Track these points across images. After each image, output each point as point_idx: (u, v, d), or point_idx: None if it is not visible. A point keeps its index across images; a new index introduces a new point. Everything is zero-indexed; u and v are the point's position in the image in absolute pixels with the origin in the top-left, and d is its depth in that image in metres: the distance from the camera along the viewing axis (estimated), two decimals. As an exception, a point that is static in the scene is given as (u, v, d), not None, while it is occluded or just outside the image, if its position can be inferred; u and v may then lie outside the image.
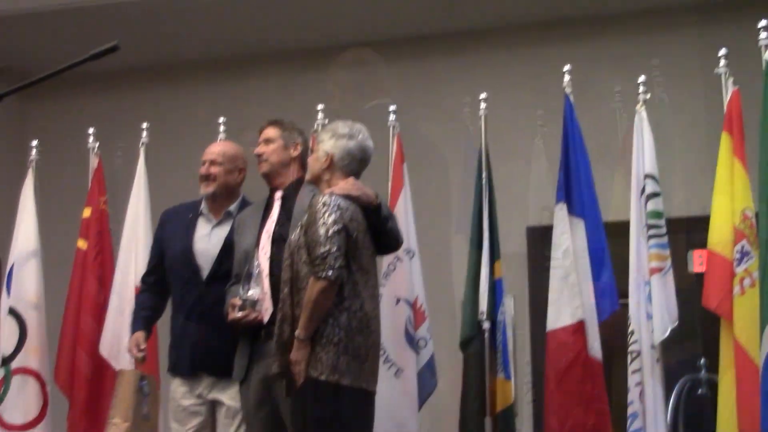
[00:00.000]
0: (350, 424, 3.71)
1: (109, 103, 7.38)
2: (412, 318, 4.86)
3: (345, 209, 3.75)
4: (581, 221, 4.76)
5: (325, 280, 3.64)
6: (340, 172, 3.93)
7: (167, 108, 7.23)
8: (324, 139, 3.98)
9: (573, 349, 4.60)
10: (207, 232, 4.57)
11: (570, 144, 4.87)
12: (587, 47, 6.48)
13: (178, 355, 4.53)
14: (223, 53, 7.18)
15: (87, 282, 5.37)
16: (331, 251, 3.65)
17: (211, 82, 7.27)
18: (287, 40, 6.97)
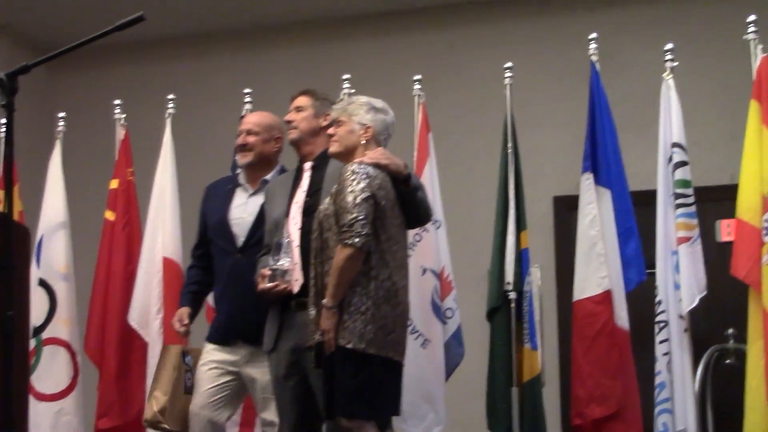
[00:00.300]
0: (377, 392, 3.72)
1: (135, 75, 7.41)
2: (439, 288, 4.86)
3: (374, 177, 3.75)
4: (608, 191, 4.75)
5: (351, 247, 3.64)
6: (375, 145, 3.94)
7: (193, 79, 7.25)
8: (359, 112, 3.95)
9: (600, 319, 4.60)
10: (243, 201, 4.58)
11: (596, 113, 4.85)
12: (613, 15, 6.45)
13: (217, 322, 4.57)
14: (249, 23, 7.18)
15: (115, 253, 5.40)
16: (358, 218, 3.65)
17: (236, 53, 7.28)
18: (313, 10, 6.96)
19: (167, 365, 4.49)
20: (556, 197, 6.42)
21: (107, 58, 7.26)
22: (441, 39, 6.84)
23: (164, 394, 4.42)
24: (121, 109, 5.64)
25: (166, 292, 5.15)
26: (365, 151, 3.90)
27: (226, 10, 6.95)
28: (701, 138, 5.98)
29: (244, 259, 4.43)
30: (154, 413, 4.40)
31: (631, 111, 6.02)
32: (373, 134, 3.94)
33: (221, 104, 6.87)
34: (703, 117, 6.05)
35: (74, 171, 5.98)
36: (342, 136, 3.95)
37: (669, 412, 4.43)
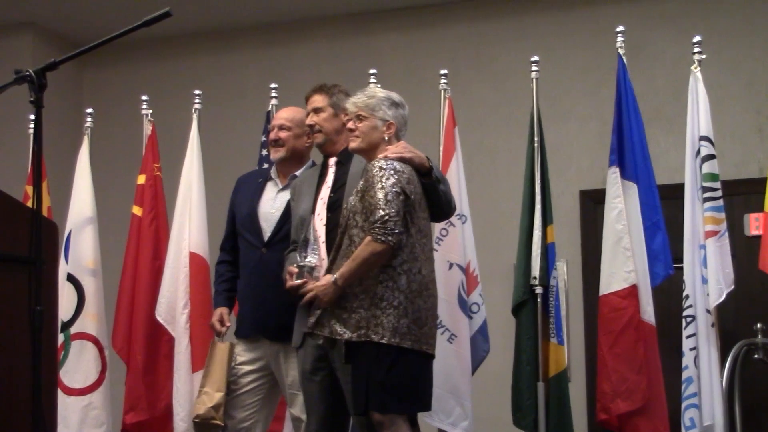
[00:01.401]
0: (412, 386, 3.73)
1: (162, 70, 7.44)
2: (465, 283, 4.85)
3: (401, 172, 3.75)
4: (634, 185, 4.73)
5: (384, 244, 3.64)
6: (396, 139, 3.95)
7: (220, 74, 7.27)
8: (381, 107, 3.94)
9: (626, 314, 4.58)
10: (273, 196, 4.61)
11: (623, 106, 4.83)
12: (641, 7, 6.42)
13: (242, 316, 4.59)
14: (275, 18, 7.19)
15: (142, 248, 5.42)
16: (391, 215, 3.64)
17: (263, 48, 7.30)
18: (339, 4, 6.96)
19: (219, 362, 4.50)
20: (582, 191, 6.41)
21: (134, 53, 7.30)
22: (467, 33, 6.83)
23: (218, 391, 4.44)
24: (147, 105, 5.66)
25: (193, 287, 5.17)
26: (387, 146, 3.91)
27: (252, 4, 6.97)
28: (729, 131, 5.96)
29: (270, 253, 4.45)
30: (208, 409, 4.41)
31: (659, 104, 6.00)
32: (395, 130, 3.95)
33: (247, 99, 6.90)
34: (731, 110, 6.03)
35: (102, 166, 6.01)
36: (365, 132, 3.94)
37: (696, 407, 4.42)
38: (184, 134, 5.49)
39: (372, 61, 5.49)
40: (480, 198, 5.89)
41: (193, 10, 6.92)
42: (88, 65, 7.49)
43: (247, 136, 6.25)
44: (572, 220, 6.35)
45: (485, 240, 5.53)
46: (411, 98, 4.20)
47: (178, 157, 5.46)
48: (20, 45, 7.18)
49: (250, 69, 7.21)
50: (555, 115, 6.08)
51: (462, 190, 4.98)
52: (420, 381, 3.77)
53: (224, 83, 7.19)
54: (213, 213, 5.28)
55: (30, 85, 3.08)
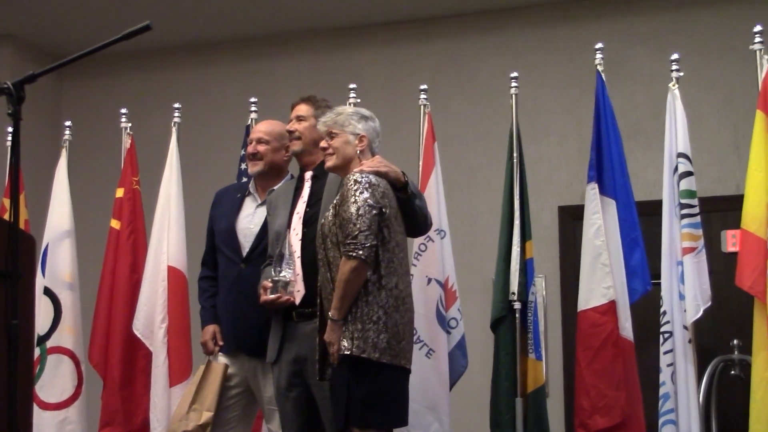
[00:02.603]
0: (390, 401, 3.73)
1: (142, 83, 7.44)
2: (444, 298, 4.85)
3: (377, 185, 3.75)
4: (613, 201, 4.73)
5: (356, 260, 3.64)
6: (370, 153, 3.97)
7: (199, 88, 7.27)
8: (351, 122, 3.97)
9: (604, 330, 4.58)
10: (251, 212, 4.62)
11: (602, 123, 4.84)
12: (619, 24, 6.46)
13: (222, 332, 4.58)
14: (255, 32, 7.20)
15: (120, 261, 5.40)
16: (362, 230, 3.65)
17: (242, 62, 7.30)
18: (318, 19, 6.97)
19: (212, 381, 4.50)
20: (561, 207, 6.43)
21: (114, 66, 7.30)
22: (447, 48, 6.86)
23: (207, 410, 4.44)
24: (127, 118, 5.64)
25: (171, 301, 5.15)
26: (362, 161, 3.91)
27: (232, 19, 6.97)
28: (707, 148, 6.00)
29: (249, 269, 4.46)
30: (197, 427, 4.42)
31: (637, 121, 6.04)
32: (368, 143, 3.96)
33: (227, 113, 6.89)
34: (708, 127, 6.07)
35: (80, 179, 6.00)
36: (338, 148, 3.95)
37: (673, 423, 4.43)
38: (163, 148, 5.48)
39: (352, 76, 5.51)
40: (459, 213, 5.91)
41: (174, 24, 6.92)
42: (67, 78, 7.48)
43: (227, 149, 6.24)
44: (551, 235, 6.37)
45: (464, 255, 5.54)
46: (390, 113, 4.24)
47: (157, 170, 5.45)
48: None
49: (230, 83, 7.21)
50: (534, 131, 6.10)
51: (441, 205, 4.98)
52: (398, 396, 3.78)
53: (204, 97, 7.19)
54: (192, 227, 5.27)
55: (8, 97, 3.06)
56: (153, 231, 5.33)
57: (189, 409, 4.46)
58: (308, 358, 4.01)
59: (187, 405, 4.48)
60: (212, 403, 4.45)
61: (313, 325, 3.95)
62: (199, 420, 4.43)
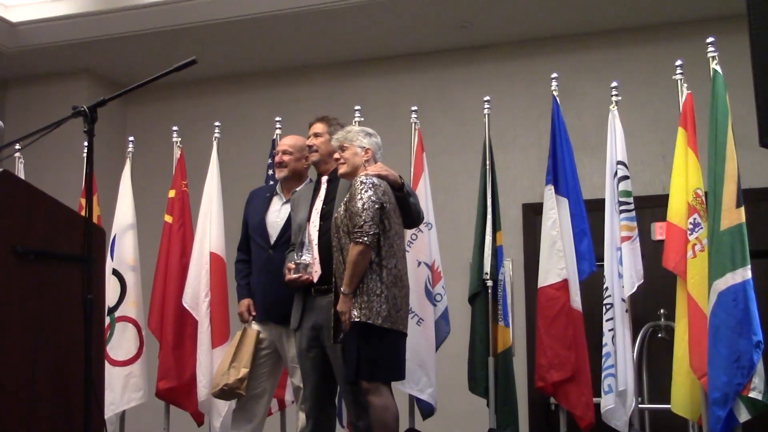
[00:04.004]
0: (391, 359, 3.76)
1: (189, 106, 7.42)
2: (431, 277, 4.86)
3: (378, 186, 3.79)
4: (566, 200, 4.74)
5: (362, 245, 3.69)
6: (374, 161, 4.01)
7: (234, 109, 7.26)
8: (358, 138, 4.02)
9: (559, 302, 4.58)
10: (278, 208, 4.62)
11: (557, 137, 4.84)
12: (571, 58, 6.45)
13: (255, 305, 4.58)
14: (280, 65, 7.19)
15: (172, 249, 5.39)
16: (367, 221, 3.69)
17: (269, 88, 7.29)
18: (330, 54, 6.98)
19: (248, 344, 4.51)
20: (524, 204, 6.42)
21: (167, 93, 7.29)
22: (433, 78, 6.85)
23: (244, 367, 4.46)
24: (177, 134, 5.65)
25: (213, 280, 5.16)
26: (367, 168, 3.95)
27: (261, 54, 6.98)
28: (639, 157, 6.00)
29: (276, 254, 4.47)
30: (237, 380, 4.44)
31: (585, 135, 6.03)
32: (372, 154, 3.98)
33: (257, 130, 6.89)
34: (641, 140, 6.07)
35: (141, 183, 6.00)
36: (348, 158, 4.00)
37: (613, 377, 4.43)
38: (206, 158, 5.49)
39: (357, 100, 5.50)
40: (443, 209, 5.90)
41: (215, 58, 6.92)
42: (130, 102, 7.48)
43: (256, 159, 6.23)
44: (516, 227, 6.36)
45: (447, 243, 5.54)
46: (388, 129, 4.24)
47: (201, 176, 5.46)
48: (77, 88, 7.16)
49: (260, 106, 7.20)
50: (503, 144, 6.10)
51: (429, 202, 4.98)
52: (397, 355, 3.80)
53: (239, 117, 7.18)
54: (229, 221, 5.28)
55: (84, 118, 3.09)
56: (198, 224, 5.34)
57: (229, 366, 4.48)
58: (324, 325, 4.03)
59: (228, 363, 4.49)
60: (248, 361, 4.47)
61: (329, 299, 3.97)
62: (238, 375, 4.45)
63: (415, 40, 6.68)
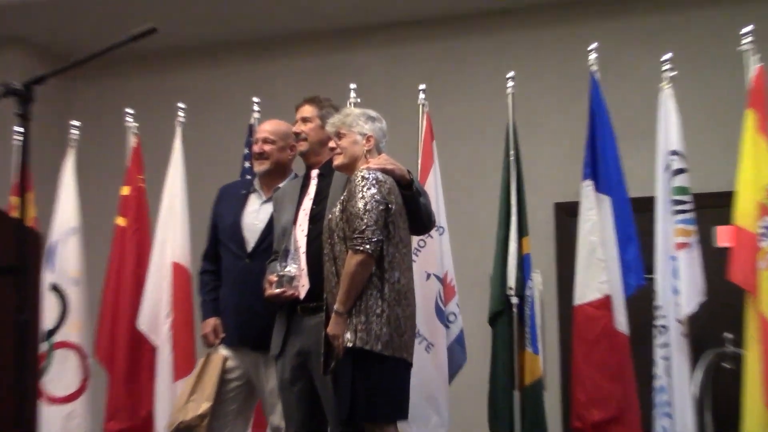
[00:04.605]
0: (394, 393, 3.72)
1: (147, 84, 7.42)
2: (443, 293, 4.86)
3: (383, 182, 3.76)
4: (607, 198, 4.74)
5: (362, 254, 3.65)
6: (377, 152, 3.97)
7: (203, 88, 7.26)
8: (358, 123, 3.98)
9: (599, 323, 4.59)
10: (256, 208, 4.60)
11: (596, 121, 4.84)
12: (613, 25, 6.44)
13: (225, 325, 4.55)
14: (258, 33, 7.18)
15: (126, 258, 5.40)
16: (369, 225, 3.66)
17: (245, 62, 7.29)
18: (320, 20, 6.96)
19: (211, 373, 4.47)
20: (557, 204, 6.42)
21: (119, 68, 7.28)
22: (445, 49, 6.84)
23: (206, 401, 4.41)
24: (132, 118, 5.64)
25: (176, 296, 5.15)
26: (368, 159, 3.91)
27: (236, 20, 6.95)
28: (699, 146, 5.95)
29: (253, 264, 4.45)
30: (195, 417, 4.38)
31: (631, 119, 6.01)
32: (375, 142, 3.96)
33: (230, 113, 6.88)
34: (700, 125, 6.04)
35: (86, 178, 5.98)
36: (346, 147, 3.97)
37: (668, 416, 4.42)
38: (167, 147, 5.48)
39: (353, 76, 5.50)
40: (457, 210, 5.89)
41: (178, 27, 6.90)
42: (74, 79, 7.46)
43: (230, 148, 6.23)
44: (547, 231, 6.36)
45: (462, 251, 5.53)
46: (390, 112, 4.21)
47: (162, 169, 5.45)
48: (9, 59, 7.15)
49: (233, 83, 7.20)
50: (530, 130, 6.08)
51: (440, 201, 4.98)
52: (400, 389, 3.77)
53: (207, 97, 7.17)
54: (196, 224, 5.27)
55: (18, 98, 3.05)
56: (158, 228, 5.34)
57: (188, 399, 4.43)
58: (312, 351, 4.00)
59: (186, 395, 4.45)
60: (211, 393, 4.42)
61: (318, 319, 3.93)
62: (197, 410, 4.38)
63: (424, 3, 6.66)
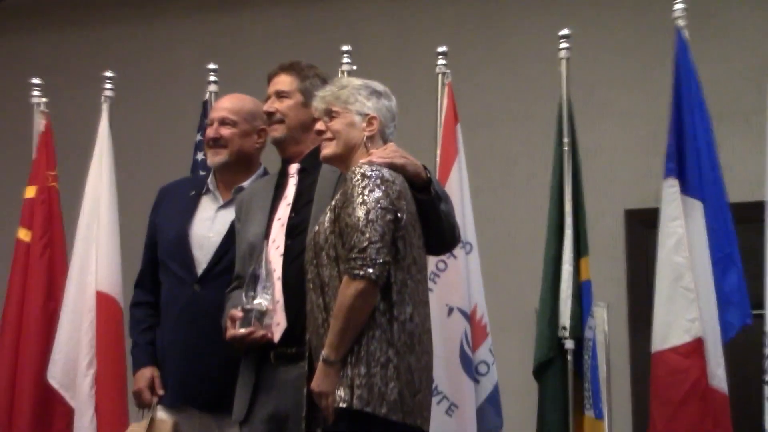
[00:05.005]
0: None
1: (61, 45, 7.44)
2: (470, 334, 4.86)
3: (391, 182, 3.71)
4: (700, 204, 4.73)
5: (363, 280, 3.60)
6: (382, 140, 3.94)
7: (139, 50, 7.28)
8: (357, 98, 3.95)
9: (689, 378, 4.58)
10: (210, 215, 4.62)
11: (683, 99, 4.84)
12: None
13: (163, 378, 4.57)
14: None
15: (31, 285, 5.40)
16: (372, 241, 3.62)
17: (196, 15, 7.31)
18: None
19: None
20: (628, 211, 6.45)
21: (21, 22, 7.29)
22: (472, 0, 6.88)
23: None
24: (40, 91, 5.64)
25: (101, 338, 5.15)
26: (370, 150, 3.90)
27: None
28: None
29: (205, 292, 4.46)
30: None
31: (733, 95, 6.03)
32: (379, 126, 3.95)
33: (177, 84, 6.90)
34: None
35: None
36: (339, 132, 3.91)
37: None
38: (90, 131, 5.48)
39: (347, 36, 5.52)
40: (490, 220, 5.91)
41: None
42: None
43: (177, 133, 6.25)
44: (615, 250, 6.38)
45: (497, 276, 5.54)
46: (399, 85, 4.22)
47: (82, 161, 5.45)
48: None
49: (181, 44, 7.22)
50: (591, 110, 6.10)
51: (466, 209, 4.98)
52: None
53: (145, 63, 7.19)
54: (129, 238, 5.27)
55: None
56: (76, 244, 5.33)
57: None
58: (290, 415, 4.00)
59: None
60: None
61: (298, 371, 3.94)
62: None
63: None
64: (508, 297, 5.88)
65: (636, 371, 6.10)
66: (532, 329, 5.00)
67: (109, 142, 5.44)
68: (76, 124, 5.84)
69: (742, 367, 4.91)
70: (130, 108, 6.19)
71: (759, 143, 4.83)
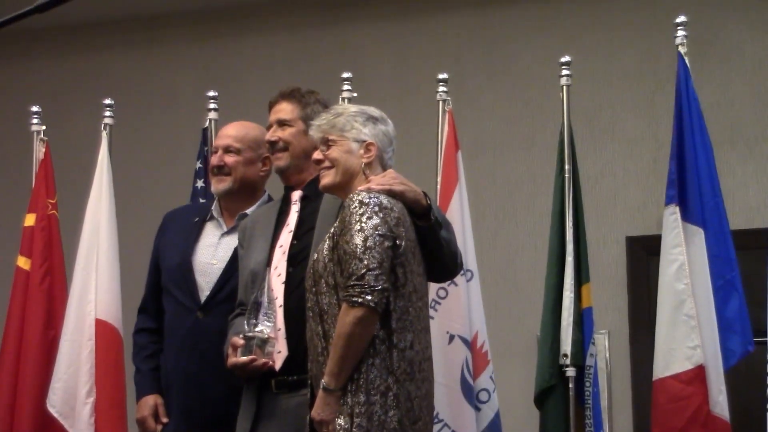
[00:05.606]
0: None
1: (61, 71, 7.43)
2: (471, 362, 4.85)
3: (389, 209, 3.72)
4: (701, 230, 4.73)
5: (362, 307, 3.60)
6: (380, 167, 3.95)
7: (139, 78, 7.28)
8: (353, 125, 3.96)
9: (690, 405, 4.57)
10: (214, 242, 4.63)
11: (685, 124, 4.84)
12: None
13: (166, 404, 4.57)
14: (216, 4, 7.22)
15: (30, 313, 5.39)
16: (370, 268, 3.63)
17: (197, 42, 7.31)
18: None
19: None
20: (630, 238, 6.42)
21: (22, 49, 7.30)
22: (475, 24, 6.87)
23: None
24: (40, 119, 5.64)
25: (101, 366, 5.14)
26: (368, 176, 3.91)
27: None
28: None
29: (208, 319, 4.47)
30: None
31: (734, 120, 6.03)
32: (377, 152, 3.97)
33: (177, 111, 6.90)
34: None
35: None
36: (337, 160, 3.91)
37: None
38: (89, 158, 5.48)
39: (348, 63, 5.52)
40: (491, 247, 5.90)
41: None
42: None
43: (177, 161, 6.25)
44: (617, 277, 6.37)
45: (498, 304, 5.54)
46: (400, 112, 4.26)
47: (82, 189, 5.45)
48: None
49: (181, 71, 7.22)
50: (593, 136, 6.11)
51: (467, 235, 4.98)
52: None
53: (145, 90, 7.20)
54: (129, 266, 5.27)
55: None
56: (76, 272, 5.33)
57: None
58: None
59: None
60: None
61: (299, 399, 3.95)
62: None
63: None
64: (510, 324, 5.87)
65: (638, 399, 6.08)
66: (533, 356, 5.00)
67: (108, 169, 5.43)
68: (75, 151, 5.85)
69: (744, 395, 4.91)
70: (129, 135, 6.20)
71: (760, 170, 4.86)
